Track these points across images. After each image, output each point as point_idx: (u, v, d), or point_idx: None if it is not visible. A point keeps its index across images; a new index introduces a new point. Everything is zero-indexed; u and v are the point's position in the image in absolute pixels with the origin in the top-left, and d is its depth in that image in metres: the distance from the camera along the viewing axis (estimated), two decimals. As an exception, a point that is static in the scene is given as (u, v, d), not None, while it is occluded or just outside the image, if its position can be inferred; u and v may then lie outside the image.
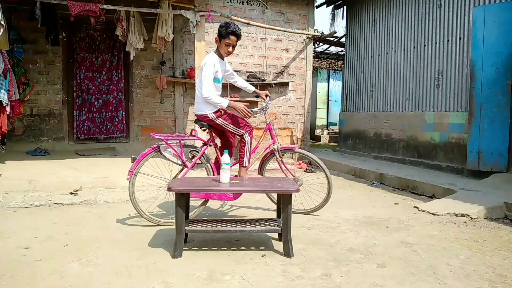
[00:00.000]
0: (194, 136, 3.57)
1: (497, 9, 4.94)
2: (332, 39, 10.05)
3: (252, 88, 3.90)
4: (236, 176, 3.45)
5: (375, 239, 3.16)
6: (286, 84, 7.93)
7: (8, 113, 5.25)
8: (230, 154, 3.64)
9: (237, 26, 3.44)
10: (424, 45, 6.45)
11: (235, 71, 7.66)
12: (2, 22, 4.53)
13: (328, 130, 13.84)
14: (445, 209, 3.97)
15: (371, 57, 7.88)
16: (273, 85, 7.78)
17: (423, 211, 4.05)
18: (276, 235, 3.17)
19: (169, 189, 2.73)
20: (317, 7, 8.84)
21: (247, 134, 3.57)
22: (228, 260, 2.66)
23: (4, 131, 5.13)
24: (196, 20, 5.64)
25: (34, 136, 6.95)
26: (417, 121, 6.53)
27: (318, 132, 13.22)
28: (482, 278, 2.42)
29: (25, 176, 4.66)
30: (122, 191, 4.41)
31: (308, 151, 8.17)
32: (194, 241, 3.06)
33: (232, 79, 3.83)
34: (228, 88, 7.42)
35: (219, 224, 2.89)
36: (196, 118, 3.59)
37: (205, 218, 3.22)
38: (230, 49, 3.47)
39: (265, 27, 7.19)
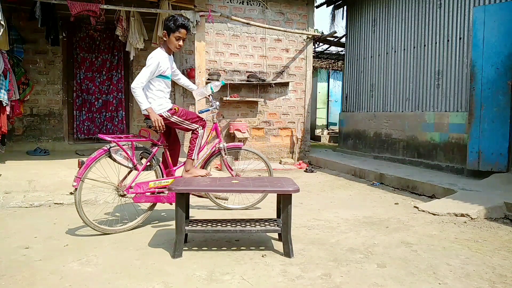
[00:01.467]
0: (146, 137, 3.36)
1: (497, 9, 4.94)
2: (332, 39, 10.04)
3: (195, 87, 3.83)
4: (184, 167, 3.51)
5: (375, 239, 3.16)
6: (286, 84, 7.93)
7: (8, 113, 5.25)
8: (177, 155, 3.63)
9: (185, 19, 3.40)
10: (424, 45, 6.45)
11: (235, 71, 7.77)
12: (2, 22, 4.53)
13: (328, 130, 13.83)
14: (445, 209, 3.97)
15: (371, 57, 7.88)
16: (273, 85, 7.78)
17: (423, 211, 4.05)
18: (276, 235, 3.17)
19: (169, 189, 2.74)
20: (317, 7, 8.84)
21: (201, 128, 3.54)
22: (228, 260, 2.66)
23: (4, 131, 5.13)
24: (196, 20, 5.64)
25: (34, 136, 6.95)
26: (417, 121, 6.53)
27: (318, 132, 13.22)
28: (482, 278, 2.42)
29: (25, 176, 4.66)
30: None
31: (308, 150, 8.18)
32: (194, 241, 3.06)
33: (176, 76, 3.69)
34: (228, 88, 7.43)
35: (219, 224, 2.89)
36: (146, 117, 3.35)
37: (205, 218, 3.21)
38: (181, 42, 3.35)
39: (265, 27, 7.19)
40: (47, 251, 2.80)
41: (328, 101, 14.53)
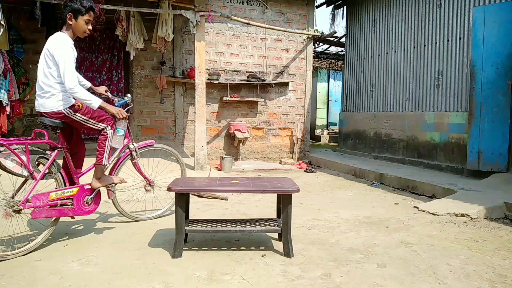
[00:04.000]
0: (43, 139, 2.88)
1: (497, 9, 4.94)
2: (332, 39, 10.05)
3: (88, 84, 3.32)
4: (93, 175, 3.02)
5: (375, 239, 3.16)
6: (286, 84, 7.94)
7: (8, 113, 5.26)
8: (81, 160, 3.18)
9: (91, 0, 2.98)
10: (424, 45, 6.45)
11: (235, 71, 7.76)
12: (2, 22, 4.53)
13: (328, 130, 13.84)
14: (445, 209, 3.97)
15: (371, 57, 7.87)
16: (273, 85, 7.79)
17: (423, 211, 4.05)
18: (276, 235, 3.17)
19: (169, 189, 2.73)
20: (317, 7, 8.84)
21: (109, 128, 3.07)
22: (228, 260, 2.66)
23: (4, 131, 5.13)
24: (196, 20, 5.64)
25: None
26: (417, 121, 6.53)
27: (318, 132, 13.23)
28: (482, 278, 2.42)
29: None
30: (122, 191, 4.40)
31: (308, 150, 8.18)
32: (194, 241, 3.06)
33: None
34: (228, 88, 7.43)
35: (219, 224, 2.89)
36: (41, 115, 2.91)
37: (205, 218, 3.21)
38: (90, 26, 2.98)
39: (265, 27, 7.19)
40: (47, 251, 2.81)
41: (328, 101, 14.54)
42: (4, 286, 2.25)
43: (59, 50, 2.78)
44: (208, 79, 7.05)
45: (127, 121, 3.25)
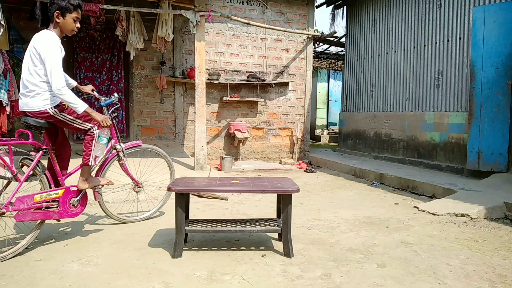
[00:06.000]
0: (27, 139, 2.78)
1: (497, 9, 4.94)
2: (332, 39, 10.04)
3: (74, 83, 3.25)
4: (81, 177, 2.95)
5: (375, 239, 3.16)
6: (286, 84, 7.94)
7: (8, 113, 5.26)
8: (66, 161, 3.11)
9: None
10: (424, 45, 6.45)
11: (235, 71, 7.76)
12: (2, 22, 4.53)
13: (328, 130, 13.84)
14: (445, 209, 3.97)
15: (371, 57, 7.87)
16: (273, 85, 7.79)
17: (423, 211, 4.05)
18: (276, 235, 3.17)
19: (169, 189, 2.73)
20: (317, 7, 8.84)
21: (96, 128, 2.99)
22: (228, 260, 2.66)
23: (4, 131, 5.13)
24: (196, 20, 5.64)
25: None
26: (417, 121, 6.53)
27: (318, 132, 13.23)
28: (482, 278, 2.42)
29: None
30: (122, 191, 4.41)
31: (308, 150, 8.18)
32: (194, 241, 3.06)
33: None
34: (228, 88, 7.43)
35: (219, 224, 2.89)
36: (25, 115, 2.83)
37: (205, 218, 3.21)
38: (78, 24, 2.92)
39: (265, 27, 7.19)
40: (47, 251, 2.81)
41: (328, 101, 14.55)
42: (4, 286, 2.25)
43: (46, 49, 2.71)
44: (208, 79, 7.05)
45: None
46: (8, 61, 5.34)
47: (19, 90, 2.98)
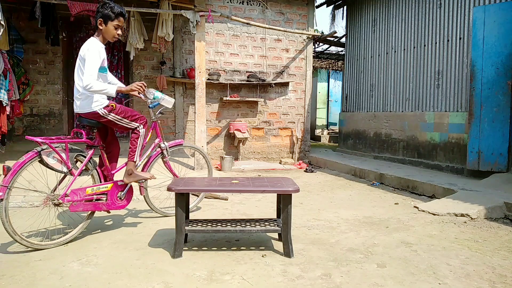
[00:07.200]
0: (81, 137, 3.06)
1: (497, 9, 4.94)
2: (332, 39, 10.05)
3: (119, 85, 3.33)
4: (126, 170, 3.19)
5: (375, 239, 3.16)
6: (286, 84, 7.94)
7: (8, 113, 5.25)
8: (115, 157, 3.32)
9: (121, 6, 3.13)
10: (424, 45, 6.45)
11: (235, 71, 7.76)
12: (2, 22, 4.53)
13: (328, 130, 13.85)
14: (445, 209, 3.97)
15: (371, 57, 7.88)
16: (273, 85, 7.79)
17: (423, 211, 4.05)
18: (276, 235, 3.17)
19: (169, 189, 2.73)
20: (317, 7, 8.84)
21: (142, 126, 3.23)
22: (228, 260, 2.66)
23: (4, 131, 5.13)
24: (196, 20, 5.64)
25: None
26: (417, 121, 6.53)
27: (318, 132, 13.23)
28: (482, 278, 2.42)
29: (25, 176, 4.65)
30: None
31: (308, 150, 8.19)
32: (194, 241, 3.06)
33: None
34: (228, 88, 7.43)
35: (219, 224, 2.89)
36: (79, 117, 3.12)
37: (205, 218, 3.21)
38: (119, 31, 3.11)
39: (265, 27, 7.19)
40: (47, 251, 2.81)
41: (328, 101, 14.55)
42: (4, 286, 2.25)
43: (86, 54, 2.95)
44: (208, 79, 7.05)
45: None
46: (8, 61, 5.34)
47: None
